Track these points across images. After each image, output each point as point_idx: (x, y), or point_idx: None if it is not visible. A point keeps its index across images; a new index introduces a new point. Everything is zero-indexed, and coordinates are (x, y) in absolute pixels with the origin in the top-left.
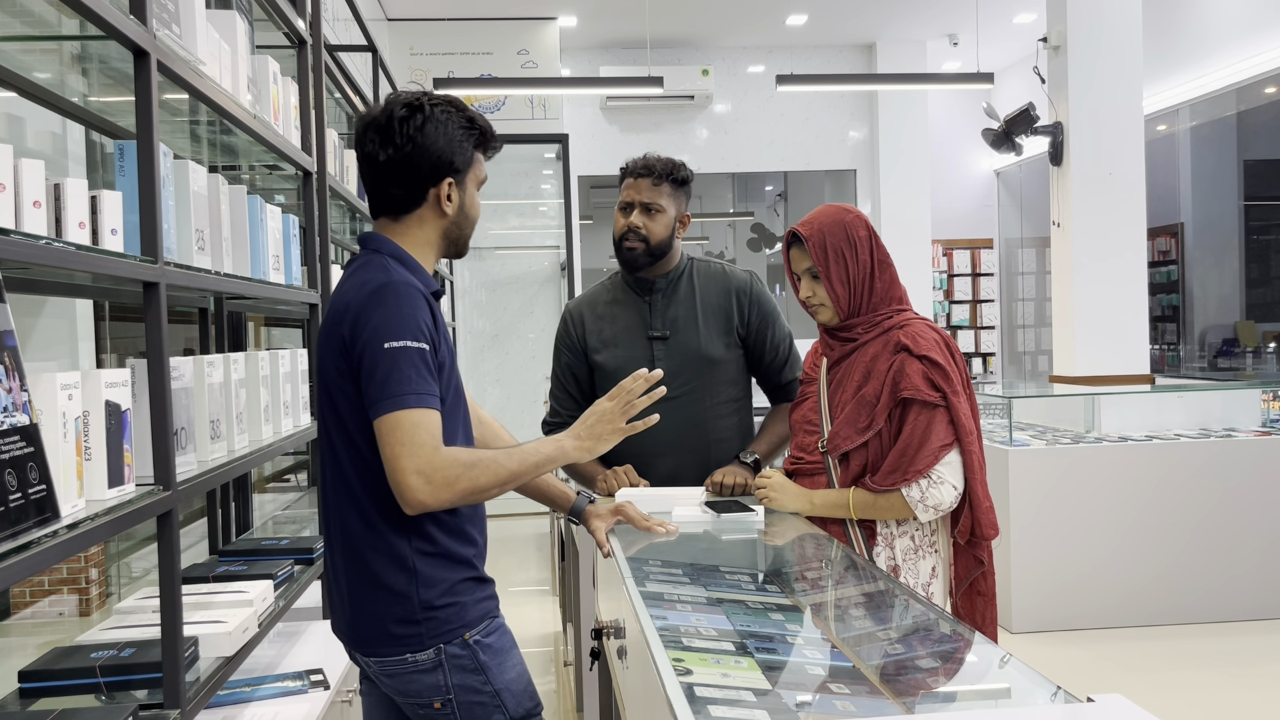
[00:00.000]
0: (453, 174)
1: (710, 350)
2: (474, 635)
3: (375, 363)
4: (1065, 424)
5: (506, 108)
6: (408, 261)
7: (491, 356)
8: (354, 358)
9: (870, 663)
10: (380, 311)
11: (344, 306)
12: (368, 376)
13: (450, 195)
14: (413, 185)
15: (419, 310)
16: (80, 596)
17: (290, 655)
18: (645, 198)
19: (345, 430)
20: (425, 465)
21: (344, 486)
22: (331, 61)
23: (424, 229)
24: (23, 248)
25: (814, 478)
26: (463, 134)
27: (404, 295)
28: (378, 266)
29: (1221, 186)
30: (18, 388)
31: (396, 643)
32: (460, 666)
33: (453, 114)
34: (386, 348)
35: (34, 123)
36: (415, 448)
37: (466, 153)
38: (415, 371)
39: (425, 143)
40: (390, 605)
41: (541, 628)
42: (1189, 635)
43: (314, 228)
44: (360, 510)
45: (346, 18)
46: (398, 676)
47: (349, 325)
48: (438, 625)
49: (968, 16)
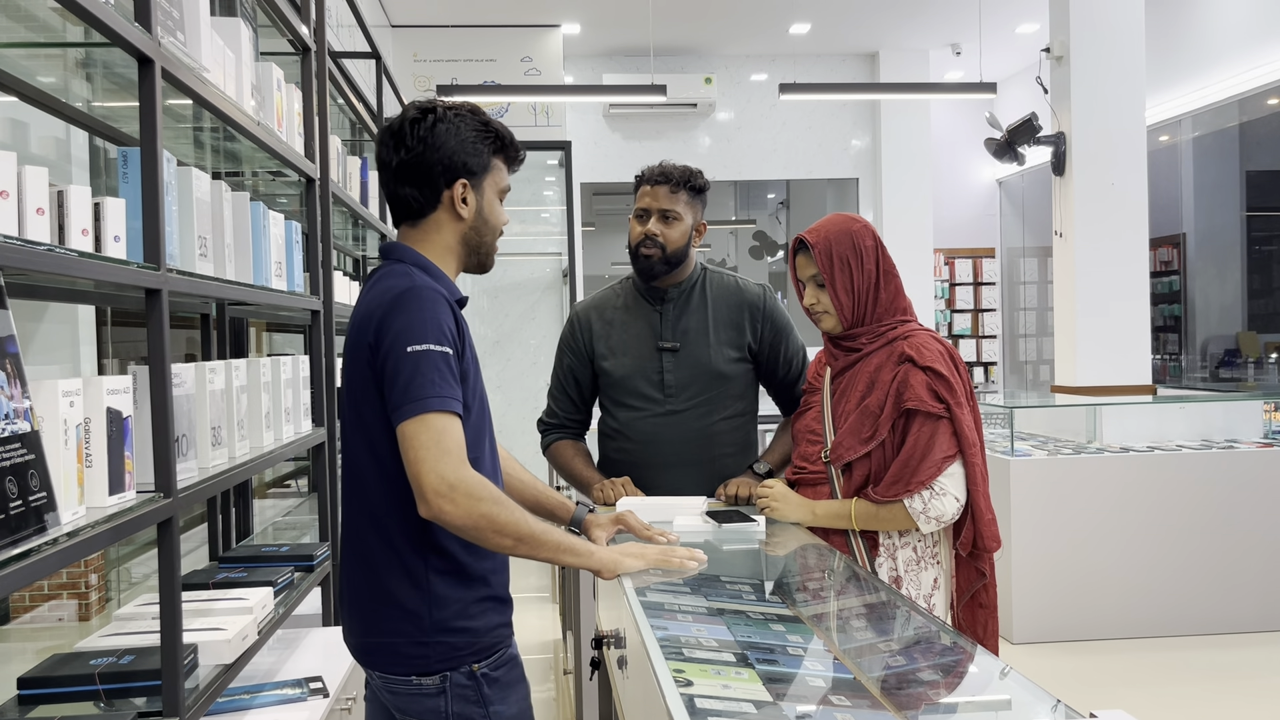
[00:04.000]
0: (467, 175)
1: (720, 365)
2: (482, 667)
3: (398, 367)
4: (1067, 434)
5: (509, 115)
6: (430, 269)
7: (493, 363)
8: (378, 364)
9: (871, 675)
10: (403, 316)
11: (367, 315)
12: (390, 382)
13: (466, 199)
14: (425, 186)
15: (443, 314)
16: (80, 601)
17: (290, 662)
18: (663, 205)
19: (369, 439)
20: (451, 474)
21: (363, 498)
22: (335, 68)
23: (441, 234)
24: (25, 254)
25: (816, 487)
26: (476, 137)
27: (427, 299)
28: (400, 274)
29: (1224, 197)
30: (19, 394)
31: (404, 662)
32: (463, 696)
33: (467, 117)
34: (409, 351)
35: (37, 128)
36: (441, 453)
37: (482, 156)
38: (438, 374)
39: (436, 143)
40: (401, 623)
41: (541, 635)
42: (1190, 647)
43: (316, 234)
44: (376, 523)
45: (350, 24)
46: (400, 695)
47: (373, 332)
48: (447, 651)
49: (970, 26)
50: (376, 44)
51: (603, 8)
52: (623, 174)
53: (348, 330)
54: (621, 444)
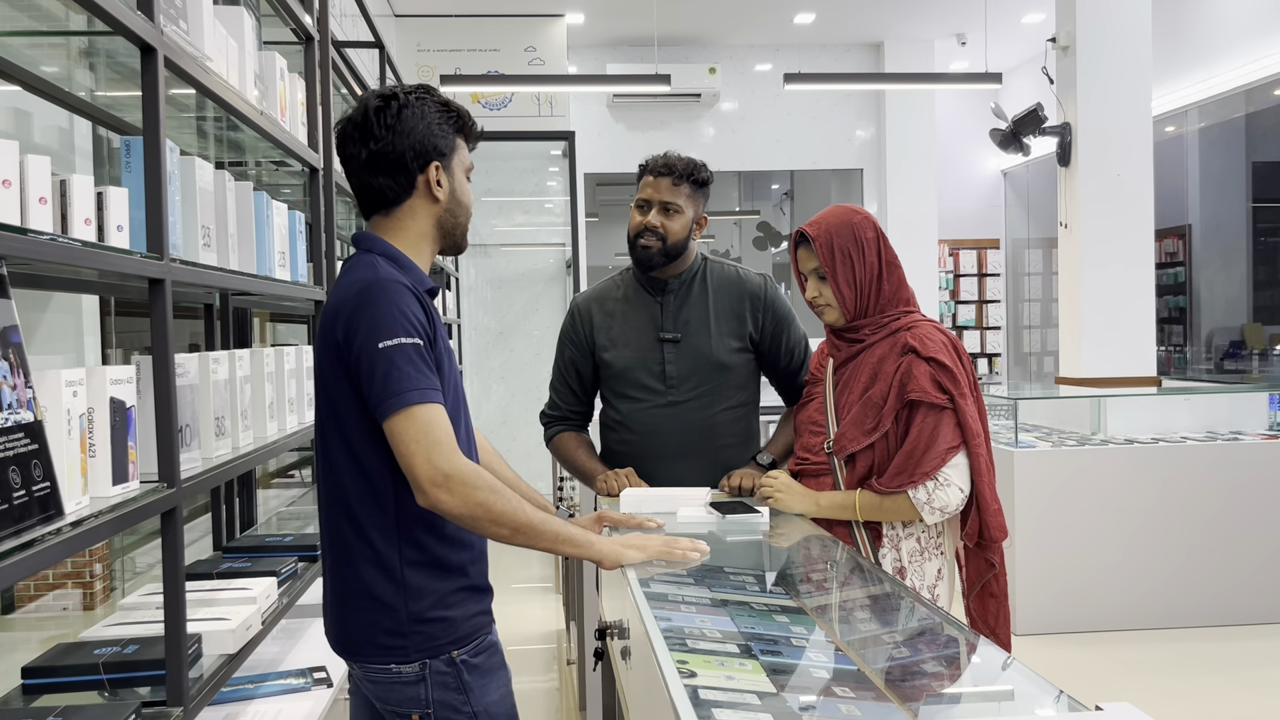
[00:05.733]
0: (438, 158)
1: (721, 355)
2: (461, 654)
3: (373, 364)
4: (1071, 426)
5: (513, 104)
6: (399, 259)
7: (496, 354)
8: (350, 361)
9: (875, 666)
10: (369, 311)
11: (335, 309)
12: (367, 379)
13: (440, 180)
14: (399, 174)
15: (408, 305)
16: (85, 590)
17: (294, 652)
18: (664, 196)
19: (340, 433)
20: (444, 463)
21: (337, 492)
22: (339, 58)
23: (417, 220)
24: (28, 244)
25: (819, 478)
26: (440, 117)
27: (391, 291)
28: (366, 265)
29: (1230, 188)
30: (22, 384)
31: (383, 652)
32: (443, 684)
33: (427, 100)
34: (381, 347)
35: (41, 117)
36: (432, 444)
37: (448, 137)
38: (413, 367)
39: (405, 129)
40: (378, 615)
41: (544, 625)
42: (1195, 639)
43: (320, 224)
44: (350, 516)
45: (354, 14)
46: (380, 684)
47: (342, 329)
48: (425, 639)
49: (976, 16)
50: (380, 33)
51: None
52: (626, 164)
53: (319, 322)
54: (623, 435)
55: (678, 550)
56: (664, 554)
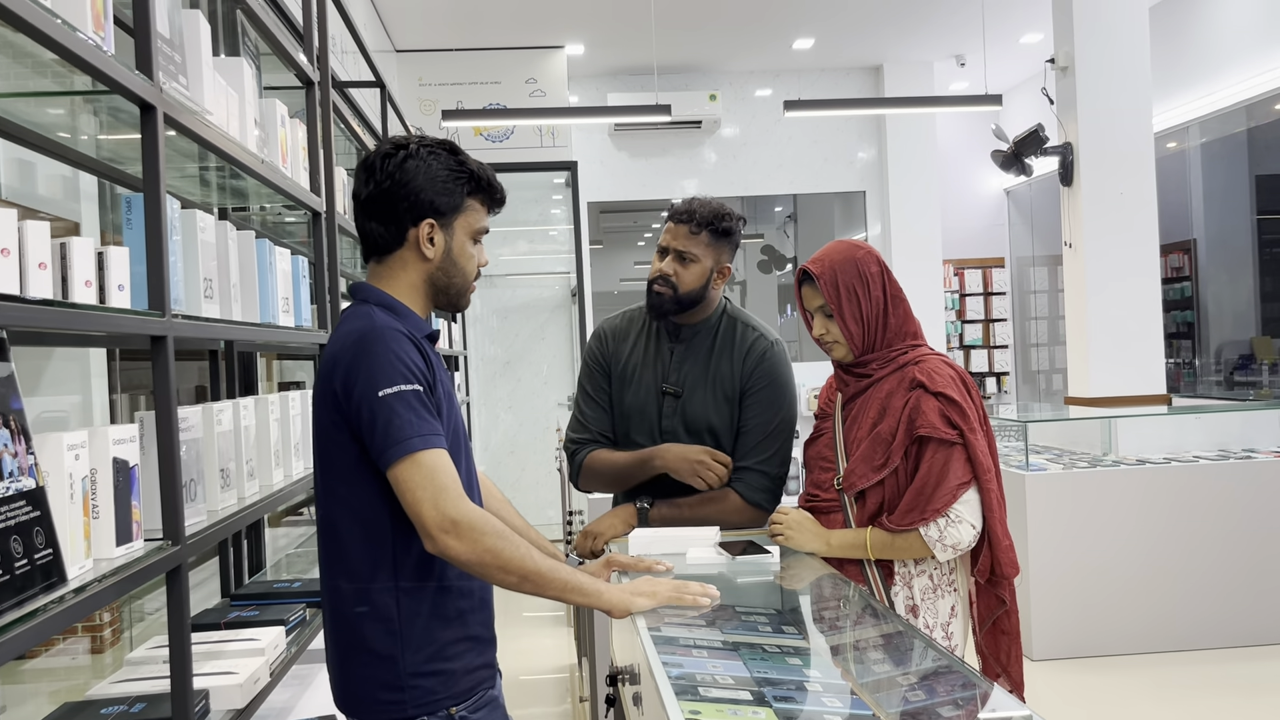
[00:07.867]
0: (434, 215)
1: (713, 419)
2: (460, 710)
3: (374, 413)
4: (1082, 446)
5: (515, 136)
6: (395, 308)
7: (503, 383)
8: (351, 412)
9: (890, 710)
10: (367, 361)
11: (333, 360)
12: (369, 429)
13: (432, 239)
14: (390, 223)
15: (406, 351)
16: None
17: (303, 700)
18: (680, 245)
19: (337, 481)
20: (452, 509)
21: (335, 543)
22: (340, 98)
23: (406, 272)
24: (25, 312)
25: (829, 515)
26: (449, 176)
27: (388, 338)
28: (362, 315)
29: (1234, 202)
30: (23, 451)
31: (381, 708)
32: None
33: (441, 155)
34: (381, 395)
35: (45, 166)
36: (438, 490)
37: (454, 196)
38: (414, 414)
39: (404, 179)
40: (376, 669)
41: (556, 658)
42: (1213, 660)
43: (323, 266)
44: (347, 567)
45: (355, 50)
46: None
47: (340, 379)
48: (423, 694)
49: (974, 37)
50: (380, 69)
51: (606, 28)
52: (629, 192)
53: (317, 372)
54: None
55: (687, 596)
56: (674, 600)
